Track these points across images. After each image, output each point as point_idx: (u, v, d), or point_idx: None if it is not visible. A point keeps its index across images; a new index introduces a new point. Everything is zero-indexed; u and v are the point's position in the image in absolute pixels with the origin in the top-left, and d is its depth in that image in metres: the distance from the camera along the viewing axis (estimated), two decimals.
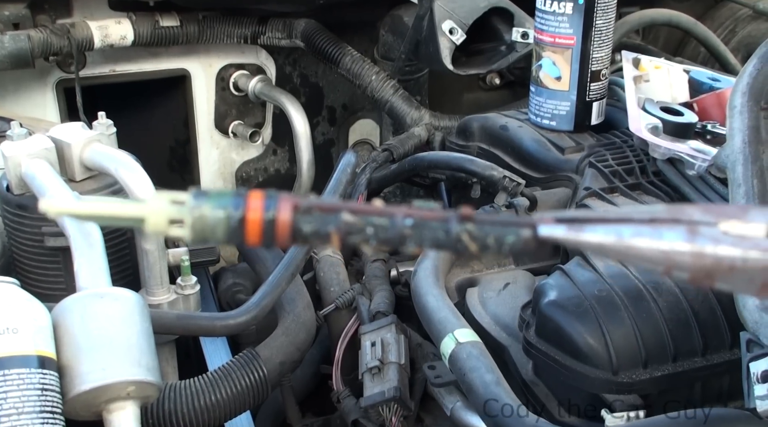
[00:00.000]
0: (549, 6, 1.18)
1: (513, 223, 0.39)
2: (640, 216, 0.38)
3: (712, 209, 0.38)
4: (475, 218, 0.39)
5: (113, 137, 1.09)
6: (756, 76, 0.90)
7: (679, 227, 0.37)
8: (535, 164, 1.22)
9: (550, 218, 0.39)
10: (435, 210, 0.39)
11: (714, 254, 0.37)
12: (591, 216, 0.39)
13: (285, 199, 0.39)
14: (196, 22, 1.53)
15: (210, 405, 0.96)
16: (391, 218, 0.39)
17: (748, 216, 0.37)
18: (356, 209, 0.39)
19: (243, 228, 0.38)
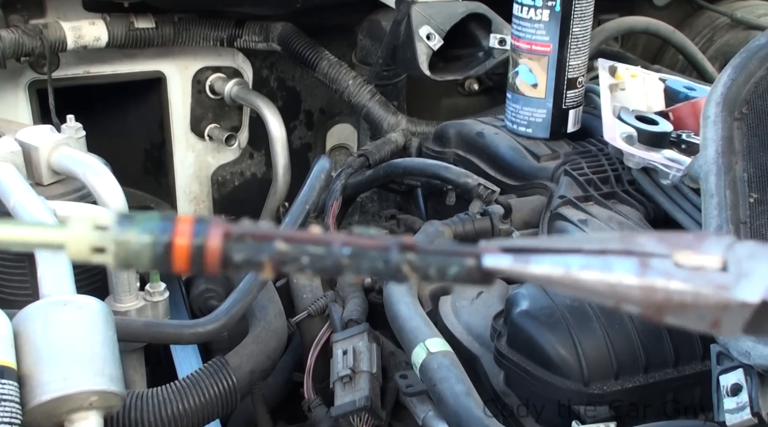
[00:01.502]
0: (525, 13, 1.18)
1: (456, 253, 0.38)
2: (590, 246, 0.37)
3: (666, 239, 0.37)
4: (416, 247, 0.38)
5: (82, 141, 1.07)
6: (730, 86, 0.90)
7: (631, 260, 0.36)
8: (510, 172, 1.21)
9: (496, 248, 0.38)
10: (375, 238, 0.38)
11: (664, 289, 0.36)
12: (539, 246, 0.38)
13: (215, 225, 0.37)
14: (171, 24, 1.51)
15: (178, 414, 0.94)
16: (327, 246, 0.37)
17: (702, 246, 0.37)
18: (291, 238, 0.37)
19: (170, 254, 0.37)
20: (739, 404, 0.70)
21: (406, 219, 1.32)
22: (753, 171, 0.86)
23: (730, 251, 0.37)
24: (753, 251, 0.37)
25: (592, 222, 1.02)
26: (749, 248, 0.37)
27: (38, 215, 0.87)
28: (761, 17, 1.82)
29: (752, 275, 0.36)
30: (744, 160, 0.86)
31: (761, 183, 0.85)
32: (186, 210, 1.71)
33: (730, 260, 0.36)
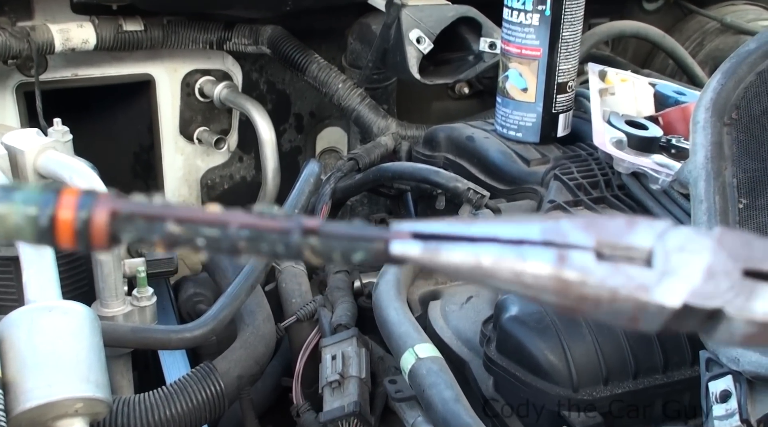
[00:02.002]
0: (516, 17, 1.18)
1: (363, 237, 0.35)
2: (508, 235, 0.35)
3: (594, 225, 0.35)
4: (319, 230, 0.35)
5: (69, 144, 1.06)
6: (719, 91, 0.90)
7: (549, 252, 0.34)
8: (500, 176, 1.21)
9: (407, 232, 0.35)
10: (275, 219, 0.35)
11: (580, 286, 0.34)
12: (453, 232, 0.35)
13: (103, 201, 0.35)
14: (160, 26, 1.51)
15: (165, 420, 0.94)
16: (223, 228, 0.35)
17: (632, 234, 0.35)
18: (184, 218, 0.35)
19: (53, 229, 0.34)
20: (728, 410, 0.70)
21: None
22: (742, 176, 0.86)
23: (661, 241, 0.35)
24: (685, 242, 0.35)
25: None
26: (682, 238, 0.35)
27: None
28: (750, 22, 1.83)
29: (677, 272, 0.34)
30: (733, 165, 0.86)
31: (750, 189, 0.85)
32: None
33: (658, 252, 0.35)
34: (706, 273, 0.34)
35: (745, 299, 0.34)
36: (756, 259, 0.35)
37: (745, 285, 0.35)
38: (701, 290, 0.34)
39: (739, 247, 0.35)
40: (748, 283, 0.35)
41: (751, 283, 0.35)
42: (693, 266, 0.34)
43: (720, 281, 0.34)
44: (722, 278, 0.34)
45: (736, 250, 0.35)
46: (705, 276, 0.34)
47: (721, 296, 0.34)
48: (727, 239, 0.35)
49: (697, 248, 0.35)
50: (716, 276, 0.34)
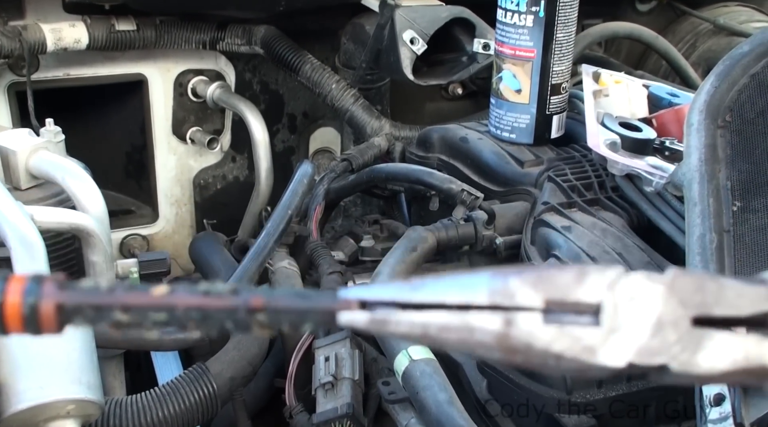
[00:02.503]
0: (510, 18, 1.18)
1: (310, 311, 0.36)
2: (455, 299, 0.35)
3: (543, 281, 0.35)
4: (265, 307, 0.36)
5: (61, 145, 1.06)
6: (713, 93, 0.90)
7: (495, 318, 0.35)
8: (494, 177, 1.21)
9: (354, 302, 0.36)
10: (221, 298, 0.36)
11: (526, 350, 0.35)
12: (400, 299, 0.36)
13: (48, 292, 0.35)
14: (153, 26, 1.50)
15: (157, 421, 0.93)
16: (170, 311, 0.36)
17: (582, 287, 0.35)
18: (131, 305, 0.35)
19: (2, 316, 0.35)
20: (721, 414, 0.70)
21: (390, 224, 1.32)
22: (736, 179, 0.86)
23: (610, 292, 0.35)
24: (635, 291, 0.35)
25: (575, 229, 1.01)
26: (633, 286, 0.35)
27: (16, 220, 0.86)
28: (743, 23, 1.83)
29: (624, 329, 0.34)
30: (727, 168, 0.86)
31: (744, 191, 0.85)
32: (168, 213, 1.69)
33: (607, 305, 0.35)
34: (654, 326, 0.35)
35: (690, 353, 0.35)
36: (708, 304, 0.35)
37: (693, 336, 0.35)
38: (647, 347, 0.34)
39: (692, 291, 0.35)
40: (696, 332, 0.35)
41: (700, 332, 0.35)
42: (641, 319, 0.35)
43: (668, 333, 0.35)
44: (670, 329, 0.35)
45: (688, 295, 0.35)
46: (653, 330, 0.35)
47: (667, 350, 0.35)
48: (680, 284, 0.35)
49: (648, 297, 0.35)
50: (664, 328, 0.35)
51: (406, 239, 1.08)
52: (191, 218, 1.71)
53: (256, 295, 0.36)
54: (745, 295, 0.35)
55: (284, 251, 1.26)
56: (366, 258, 1.28)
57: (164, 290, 0.36)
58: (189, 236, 1.69)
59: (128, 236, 1.65)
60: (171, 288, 0.36)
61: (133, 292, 0.36)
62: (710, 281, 0.35)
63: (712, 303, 0.35)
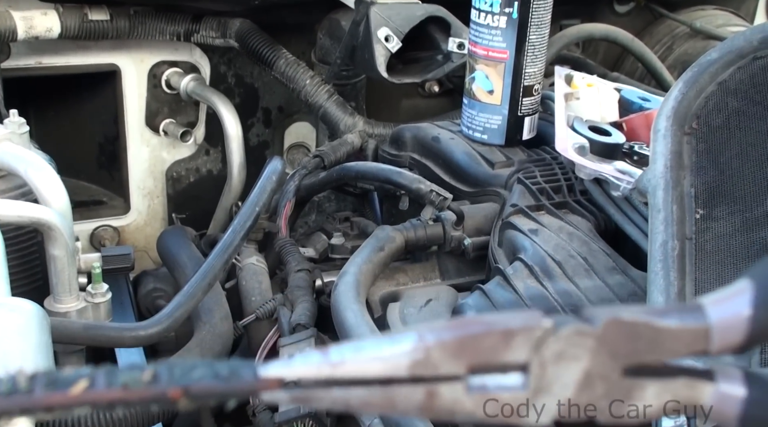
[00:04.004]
0: (483, 19, 1.17)
1: (231, 391, 0.36)
2: (376, 374, 0.35)
3: (465, 348, 0.34)
4: (186, 394, 0.36)
5: (26, 136, 1.04)
6: (681, 100, 0.90)
7: (417, 391, 0.34)
8: (464, 178, 1.20)
9: (275, 381, 0.36)
10: (140, 391, 0.36)
11: (451, 418, 0.35)
12: (320, 377, 0.36)
13: None
14: (126, 16, 1.48)
15: (116, 418, 0.92)
16: (93, 405, 0.36)
17: (506, 349, 0.34)
18: (53, 405, 0.35)
19: None
20: (676, 423, 0.70)
21: (359, 222, 1.31)
22: (700, 187, 0.86)
23: (537, 352, 0.34)
24: (564, 347, 0.34)
25: (542, 232, 1.01)
26: (561, 343, 0.34)
27: None
28: (720, 27, 1.84)
29: (550, 389, 0.34)
30: (692, 175, 0.86)
31: (708, 199, 0.85)
32: (140, 205, 1.68)
33: (534, 366, 0.35)
34: (581, 382, 0.34)
35: (618, 405, 0.35)
36: (640, 351, 0.35)
37: (621, 387, 0.35)
38: (574, 404, 0.34)
39: (624, 341, 0.34)
40: (626, 383, 0.35)
41: (629, 382, 0.35)
42: (568, 377, 0.34)
43: (595, 388, 0.34)
44: (599, 383, 0.34)
45: (620, 345, 0.34)
46: (580, 386, 0.34)
47: (594, 405, 0.34)
48: (611, 334, 0.35)
49: (576, 353, 0.34)
50: (593, 383, 0.34)
51: (374, 238, 1.08)
52: (163, 210, 1.70)
53: (174, 385, 0.36)
54: (681, 337, 0.35)
55: (253, 248, 1.25)
56: (336, 255, 1.28)
57: (83, 385, 0.36)
58: (161, 228, 1.68)
59: (99, 227, 1.63)
60: (90, 381, 0.36)
61: (52, 391, 0.35)
62: (644, 326, 0.35)
63: (644, 351, 0.35)
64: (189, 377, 0.36)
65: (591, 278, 0.94)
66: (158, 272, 1.37)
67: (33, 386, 0.36)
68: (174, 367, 0.36)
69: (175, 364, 0.37)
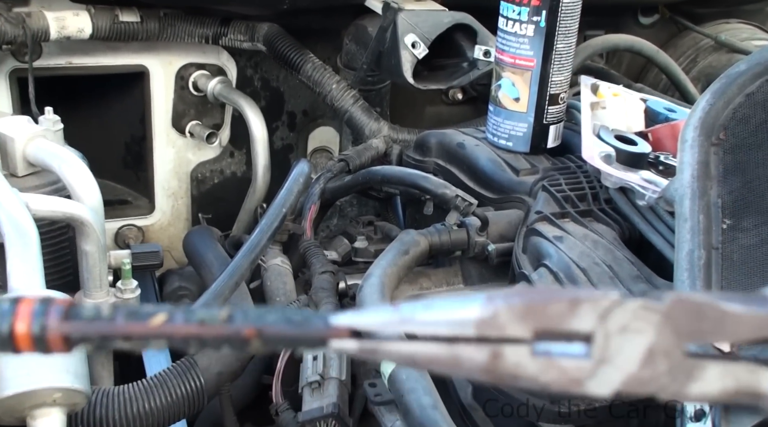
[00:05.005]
0: (510, 27, 1.18)
1: (301, 338, 0.37)
2: (443, 331, 0.35)
3: (531, 313, 0.35)
4: (258, 335, 0.37)
5: (60, 133, 1.06)
6: (708, 111, 0.91)
7: (483, 351, 0.35)
8: (489, 184, 1.21)
9: (345, 331, 0.37)
10: (216, 327, 0.37)
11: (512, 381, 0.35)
12: (388, 329, 0.36)
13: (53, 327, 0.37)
14: (157, 18, 1.51)
15: (144, 413, 0.94)
16: (169, 339, 0.37)
17: (574, 316, 0.35)
18: (131, 335, 0.37)
19: (13, 341, 0.37)
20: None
21: (384, 226, 1.32)
22: (727, 197, 0.86)
23: (603, 322, 0.35)
24: (629, 320, 0.35)
25: (566, 239, 1.02)
26: (627, 315, 0.35)
27: (11, 207, 0.86)
28: (745, 41, 1.84)
29: (613, 360, 0.34)
30: (719, 185, 0.87)
31: (735, 209, 0.86)
32: (164, 205, 1.70)
33: (598, 336, 0.35)
34: (645, 357, 0.35)
35: (680, 384, 0.35)
36: (704, 332, 0.35)
37: (684, 366, 0.35)
38: (636, 378, 0.35)
39: (689, 320, 0.35)
40: (688, 363, 0.35)
41: (692, 362, 0.35)
42: (632, 350, 0.35)
43: (658, 364, 0.34)
44: (662, 360, 0.34)
45: (684, 324, 0.35)
46: (643, 361, 0.35)
47: (656, 381, 0.35)
48: (677, 312, 0.35)
49: (641, 327, 0.35)
50: (655, 359, 0.34)
51: (399, 242, 1.09)
52: (187, 211, 1.72)
53: (249, 325, 0.37)
54: (746, 322, 0.35)
55: (277, 249, 1.27)
56: (359, 259, 1.29)
57: (162, 318, 0.37)
58: (184, 228, 1.69)
59: (124, 227, 1.65)
60: (169, 315, 0.37)
61: (132, 321, 0.37)
62: (710, 307, 0.35)
63: (708, 332, 0.35)
64: (263, 320, 0.37)
65: (615, 286, 0.94)
66: (183, 271, 1.39)
67: (115, 315, 0.37)
68: (248, 310, 0.37)
69: (249, 308, 0.38)
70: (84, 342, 0.37)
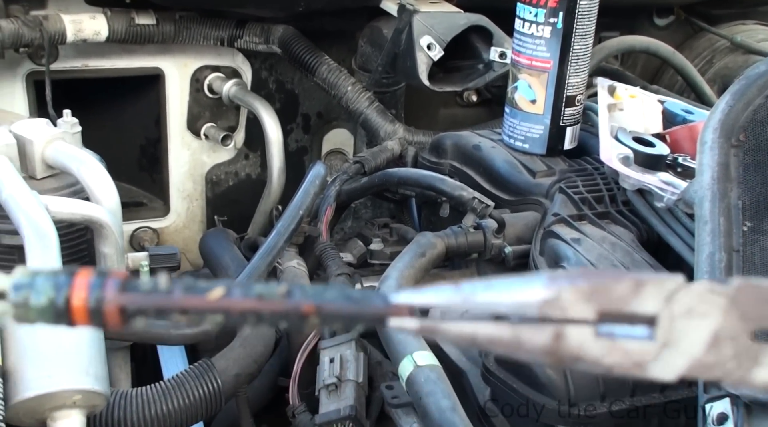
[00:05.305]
0: (527, 29, 1.18)
1: (360, 315, 0.36)
2: (505, 310, 0.35)
3: (595, 293, 0.34)
4: (317, 312, 0.36)
5: (78, 136, 1.07)
6: (728, 112, 0.90)
7: (545, 331, 0.34)
8: (505, 186, 1.21)
9: (405, 308, 0.36)
10: (274, 302, 0.36)
11: (575, 363, 0.34)
12: (450, 307, 0.36)
13: (111, 298, 0.36)
14: (172, 21, 1.51)
15: (161, 415, 0.94)
16: (226, 313, 0.36)
17: (638, 298, 0.34)
18: (189, 308, 0.36)
19: (70, 316, 0.37)
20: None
21: (399, 228, 1.32)
22: (748, 199, 0.86)
23: (668, 305, 0.34)
24: (695, 303, 0.34)
25: (584, 241, 1.02)
26: (692, 298, 0.34)
27: (30, 209, 0.87)
28: (761, 42, 1.83)
29: (678, 344, 0.33)
30: (739, 187, 0.86)
31: (755, 211, 0.85)
32: (179, 207, 1.70)
33: (663, 319, 0.34)
34: (711, 342, 0.34)
35: (745, 370, 0.34)
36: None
37: (750, 351, 0.34)
38: (701, 363, 0.34)
39: (755, 303, 0.34)
40: (754, 347, 0.34)
41: (758, 347, 0.34)
42: (697, 334, 0.34)
43: (724, 348, 0.33)
44: (727, 344, 0.33)
45: (751, 308, 0.34)
46: (708, 346, 0.34)
47: (721, 366, 0.34)
48: (743, 296, 0.34)
49: (707, 311, 0.34)
50: (721, 343, 0.34)
51: (416, 244, 1.09)
52: (202, 213, 1.72)
53: (308, 300, 0.36)
54: None
55: (293, 251, 1.27)
56: (374, 261, 1.29)
57: (220, 292, 0.37)
58: (199, 231, 1.70)
59: (139, 229, 1.66)
60: (227, 290, 0.36)
61: (190, 295, 0.36)
62: None
63: None
64: (322, 297, 0.36)
65: None
66: (200, 273, 1.39)
67: (172, 288, 0.36)
68: (306, 287, 0.37)
69: (306, 285, 0.37)
70: (140, 315, 0.36)
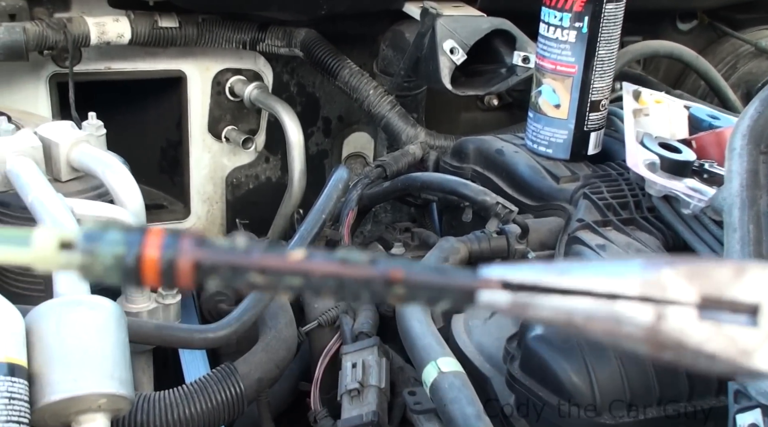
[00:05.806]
0: (552, 33, 1.17)
1: (449, 287, 0.34)
2: (603, 287, 0.33)
3: (696, 276, 0.32)
4: (404, 280, 0.34)
5: (102, 139, 1.07)
6: (757, 118, 0.89)
7: (645, 311, 0.32)
8: (529, 191, 1.20)
9: (497, 282, 0.34)
10: (358, 267, 0.34)
11: (677, 348, 0.32)
12: (544, 284, 0.33)
13: (186, 248, 0.35)
14: (195, 24, 1.51)
15: (184, 418, 0.94)
16: (306, 276, 0.34)
17: (740, 284, 0.32)
18: (267, 268, 0.34)
19: (139, 270, 0.35)
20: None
21: (421, 233, 1.31)
22: None
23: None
24: None
25: (610, 247, 1.01)
26: None
27: (56, 211, 0.87)
28: None
29: None
30: None
31: None
32: (199, 210, 1.70)
33: (766, 306, 0.32)
34: None
35: None
36: None
37: None
38: None
39: None
40: None
41: None
42: None
43: None
44: None
45: None
46: None
47: None
48: None
49: None
50: None
51: (438, 249, 1.08)
52: (222, 216, 1.72)
53: (396, 267, 0.34)
54: None
55: None
56: None
57: (301, 254, 0.35)
58: (219, 233, 1.70)
59: None
60: (308, 253, 0.35)
61: (270, 254, 0.35)
62: None
63: None
64: (410, 266, 0.34)
65: None
66: None
67: (251, 247, 0.35)
68: (390, 258, 0.35)
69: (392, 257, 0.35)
70: (214, 273, 0.34)
